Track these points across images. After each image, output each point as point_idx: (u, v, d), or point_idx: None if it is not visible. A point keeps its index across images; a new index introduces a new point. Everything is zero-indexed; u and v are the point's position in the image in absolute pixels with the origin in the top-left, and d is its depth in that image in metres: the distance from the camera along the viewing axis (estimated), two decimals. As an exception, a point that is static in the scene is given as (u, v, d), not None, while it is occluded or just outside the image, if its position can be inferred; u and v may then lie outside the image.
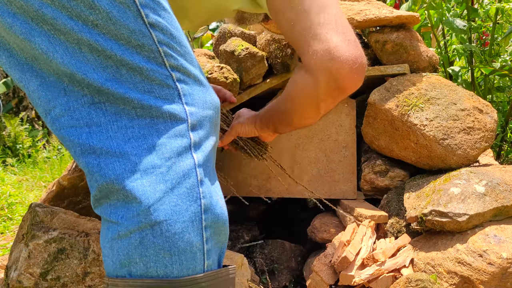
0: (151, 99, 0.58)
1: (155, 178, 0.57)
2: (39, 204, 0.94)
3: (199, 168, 0.60)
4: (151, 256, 0.56)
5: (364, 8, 1.42)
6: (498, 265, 0.95)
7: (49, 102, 0.57)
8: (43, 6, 0.54)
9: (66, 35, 0.55)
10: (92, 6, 0.55)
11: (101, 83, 0.56)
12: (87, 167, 0.58)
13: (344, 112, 1.43)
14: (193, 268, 0.58)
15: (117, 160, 0.56)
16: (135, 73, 0.58)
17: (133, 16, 0.57)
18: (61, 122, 0.58)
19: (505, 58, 1.79)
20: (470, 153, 1.19)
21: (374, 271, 1.06)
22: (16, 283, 0.84)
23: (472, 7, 1.81)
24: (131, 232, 0.56)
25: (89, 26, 0.55)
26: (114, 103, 0.57)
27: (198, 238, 0.59)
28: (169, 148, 0.58)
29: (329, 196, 1.42)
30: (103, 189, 0.57)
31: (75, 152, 0.58)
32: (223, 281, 0.63)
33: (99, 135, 0.57)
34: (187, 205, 0.58)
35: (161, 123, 0.59)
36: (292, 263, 1.41)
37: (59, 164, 3.42)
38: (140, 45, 0.58)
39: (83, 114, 0.57)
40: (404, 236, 1.19)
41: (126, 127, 0.57)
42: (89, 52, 0.56)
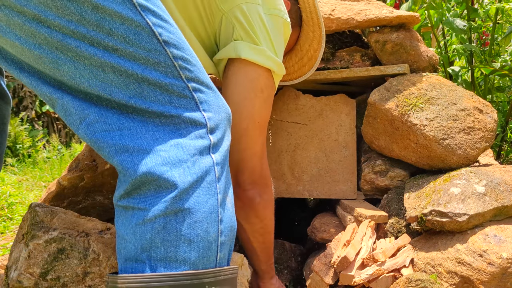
0: (172, 109, 0.64)
1: (183, 171, 0.62)
2: (39, 204, 0.94)
3: (217, 166, 0.66)
4: (172, 241, 0.60)
5: (364, 8, 1.42)
6: (498, 265, 0.95)
7: (84, 111, 0.63)
8: (66, 37, 0.59)
9: (90, 60, 0.60)
10: (110, 33, 0.60)
11: (125, 100, 0.62)
12: (121, 164, 0.62)
13: (344, 112, 1.43)
14: (208, 257, 0.63)
15: (148, 155, 0.62)
16: (155, 88, 0.63)
17: (148, 37, 0.62)
18: (95, 127, 0.63)
19: (505, 58, 1.79)
20: (470, 153, 1.19)
21: (374, 271, 1.06)
22: (16, 283, 0.84)
23: (472, 7, 1.81)
24: (156, 217, 0.60)
25: (110, 51, 0.61)
26: (139, 114, 0.63)
27: (214, 229, 0.64)
28: (193, 147, 0.64)
29: (329, 196, 1.42)
30: (136, 182, 0.61)
31: (109, 152, 0.63)
32: (226, 280, 0.65)
33: (130, 136, 0.62)
34: (207, 198, 0.64)
35: (183, 128, 0.65)
36: (292, 263, 1.41)
37: (59, 164, 3.42)
38: (157, 63, 0.63)
39: (114, 120, 0.63)
40: (404, 236, 1.19)
41: (153, 130, 0.63)
42: (112, 73, 0.61)
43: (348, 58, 1.47)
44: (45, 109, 5.08)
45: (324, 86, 1.54)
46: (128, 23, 0.61)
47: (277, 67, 0.94)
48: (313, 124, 1.44)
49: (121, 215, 0.64)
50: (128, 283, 0.59)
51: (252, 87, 0.92)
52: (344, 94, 1.44)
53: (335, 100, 1.44)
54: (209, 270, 0.63)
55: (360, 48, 1.49)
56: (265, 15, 0.91)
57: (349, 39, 1.54)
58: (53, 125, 5.40)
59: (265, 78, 0.93)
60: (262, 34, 0.91)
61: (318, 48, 1.16)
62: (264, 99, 0.94)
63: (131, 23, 0.61)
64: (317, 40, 1.15)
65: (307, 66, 1.21)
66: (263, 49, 0.91)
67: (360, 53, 1.47)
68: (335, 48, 1.48)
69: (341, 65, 1.46)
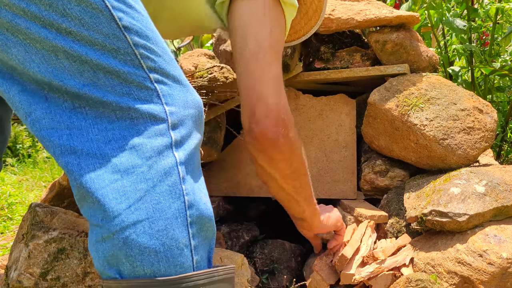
0: (129, 101, 0.59)
1: (135, 178, 0.57)
2: (39, 204, 0.94)
3: (181, 166, 0.61)
4: (136, 256, 0.56)
5: (364, 8, 1.42)
6: (498, 265, 0.95)
7: (30, 105, 0.58)
8: (16, 17, 0.55)
9: (41, 43, 0.56)
10: (64, 14, 0.55)
11: (78, 88, 0.57)
12: (67, 167, 0.58)
13: (344, 112, 1.43)
14: (181, 264, 0.59)
15: (98, 161, 0.57)
16: (112, 77, 0.58)
17: (107, 21, 0.57)
18: (41, 124, 0.58)
19: (505, 58, 1.79)
20: (470, 153, 1.19)
21: (374, 269, 1.06)
22: (16, 283, 0.84)
23: (472, 7, 1.81)
24: (113, 233, 0.56)
25: (63, 34, 0.56)
26: (93, 107, 0.58)
27: (183, 234, 0.59)
28: (150, 147, 0.59)
29: (329, 196, 1.42)
30: (81, 189, 0.57)
31: (55, 152, 0.58)
32: (221, 280, 0.63)
33: (80, 137, 0.57)
34: (170, 202, 0.59)
35: (141, 123, 0.59)
36: (292, 263, 1.41)
37: (59, 164, 3.41)
38: (115, 49, 0.58)
39: (64, 118, 0.58)
40: (404, 236, 1.19)
41: (106, 129, 0.58)
42: (65, 59, 0.57)
43: (348, 58, 1.47)
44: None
45: (324, 86, 1.54)
46: (84, 4, 0.56)
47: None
48: (313, 124, 1.44)
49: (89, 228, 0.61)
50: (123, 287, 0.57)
51: (258, 5, 0.81)
52: (344, 94, 1.44)
53: (335, 100, 1.44)
54: (203, 272, 0.60)
55: (360, 48, 1.49)
56: None
57: (349, 39, 1.54)
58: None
59: (271, 3, 0.83)
60: None
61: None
62: (274, 19, 0.82)
63: (87, 4, 0.56)
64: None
65: (313, 19, 1.13)
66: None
67: (360, 53, 1.47)
68: (335, 48, 1.48)
69: (341, 65, 1.46)
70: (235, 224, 1.44)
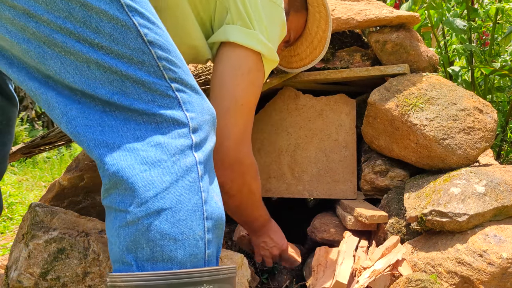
0: (154, 107, 0.65)
1: (162, 171, 0.63)
2: (39, 204, 0.94)
3: (200, 165, 0.67)
4: (157, 241, 0.61)
5: (364, 8, 1.42)
6: (498, 265, 0.95)
7: (66, 106, 0.64)
8: (53, 32, 0.61)
9: (75, 55, 0.62)
10: (96, 31, 0.62)
11: (108, 97, 0.64)
12: (100, 158, 0.63)
13: (344, 112, 1.43)
14: (195, 255, 0.63)
15: (128, 154, 0.63)
16: (139, 86, 0.65)
17: (134, 36, 0.64)
18: (76, 122, 0.64)
19: (505, 58, 1.79)
20: (470, 153, 1.19)
21: (370, 273, 1.06)
22: (16, 283, 0.84)
23: (472, 7, 1.81)
24: (139, 219, 0.61)
25: (95, 48, 0.62)
26: (122, 111, 0.64)
27: (200, 227, 0.65)
28: (173, 146, 0.65)
29: (329, 196, 1.42)
30: (113, 177, 0.62)
31: (89, 145, 0.64)
32: (224, 280, 0.66)
33: (111, 133, 0.63)
34: (190, 196, 0.64)
35: (165, 127, 0.66)
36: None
37: (59, 164, 3.42)
38: (141, 62, 0.65)
39: (96, 117, 0.64)
40: (392, 237, 1.19)
41: (134, 129, 0.64)
42: (97, 69, 0.63)
43: (348, 58, 1.47)
44: (45, 109, 5.08)
45: (324, 86, 1.54)
46: (115, 22, 0.63)
47: (268, 51, 0.93)
48: (313, 124, 1.44)
49: (107, 215, 0.65)
50: (127, 281, 0.60)
51: (238, 68, 0.91)
52: (344, 94, 1.44)
53: (335, 100, 1.44)
54: (207, 269, 0.63)
55: (360, 48, 1.49)
56: (262, 1, 0.91)
57: (349, 39, 1.54)
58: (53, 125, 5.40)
59: (253, 61, 0.92)
60: (256, 17, 0.90)
61: (326, 28, 1.15)
62: (251, 81, 0.92)
63: (117, 22, 0.63)
64: (324, 20, 1.15)
65: (318, 49, 1.21)
66: (253, 32, 0.90)
67: (360, 53, 1.47)
68: (335, 48, 1.48)
69: (341, 65, 1.46)
70: (235, 224, 1.44)
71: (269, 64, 0.97)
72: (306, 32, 1.20)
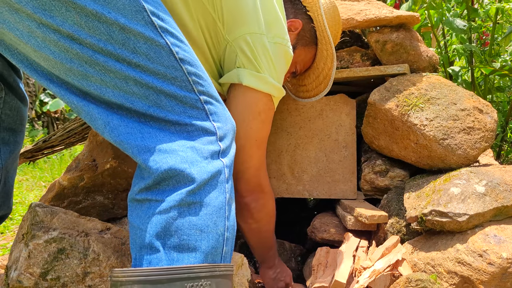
0: (186, 118, 0.72)
1: (200, 169, 0.70)
2: (39, 204, 0.94)
3: (227, 169, 0.75)
4: (185, 230, 0.67)
5: (364, 8, 1.42)
6: (498, 265, 0.95)
7: (107, 116, 0.70)
8: (95, 53, 0.67)
9: (115, 73, 0.68)
10: (134, 51, 0.68)
11: (145, 110, 0.70)
12: (145, 163, 0.69)
13: (344, 112, 1.43)
14: (216, 248, 0.69)
15: (169, 155, 0.69)
16: (172, 99, 0.71)
17: (167, 55, 0.71)
18: (119, 131, 0.70)
19: (505, 58, 1.79)
20: (470, 153, 1.19)
21: (370, 273, 1.06)
22: (16, 283, 0.84)
23: (472, 7, 1.81)
24: (171, 207, 0.67)
25: (133, 66, 0.69)
26: (156, 122, 0.71)
27: (222, 224, 0.71)
28: (206, 150, 0.72)
29: (329, 196, 1.42)
30: (158, 178, 0.68)
31: (133, 152, 0.70)
32: (222, 276, 0.69)
33: (150, 139, 0.70)
34: (217, 194, 0.71)
35: (196, 135, 0.73)
36: (292, 263, 1.41)
37: (59, 164, 3.42)
38: (174, 78, 0.71)
39: (135, 125, 0.70)
40: (392, 237, 1.19)
41: (170, 135, 0.71)
42: (134, 85, 0.69)
43: (348, 58, 1.47)
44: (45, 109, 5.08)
45: (324, 86, 1.54)
46: (150, 42, 0.69)
47: (277, 92, 1.00)
48: (313, 124, 1.44)
49: (136, 208, 0.70)
50: (129, 276, 0.62)
51: (251, 110, 0.98)
52: (344, 94, 1.44)
53: (335, 100, 1.44)
54: (205, 265, 0.67)
55: (360, 48, 1.49)
56: (269, 43, 0.95)
57: (349, 39, 1.54)
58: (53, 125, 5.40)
59: (264, 103, 0.99)
60: (265, 61, 0.95)
61: (331, 66, 1.19)
62: (262, 120, 1.00)
63: (152, 42, 0.69)
64: (330, 59, 1.18)
65: (323, 84, 1.24)
66: (264, 76, 0.95)
67: (360, 53, 1.47)
68: (335, 48, 1.48)
69: (341, 65, 1.46)
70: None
71: (278, 99, 1.04)
72: (314, 66, 1.24)
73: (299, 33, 1.14)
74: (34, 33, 0.66)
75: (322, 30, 1.15)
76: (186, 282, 0.64)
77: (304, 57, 1.19)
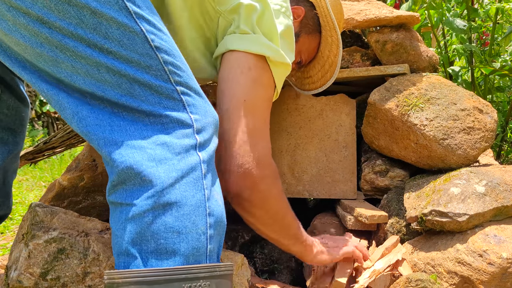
0: (160, 109, 0.68)
1: (168, 167, 0.66)
2: (39, 204, 0.94)
3: (204, 164, 0.70)
4: (161, 234, 0.64)
5: (364, 8, 1.42)
6: (498, 265, 0.95)
7: (77, 106, 0.67)
8: (65, 38, 0.64)
9: (86, 60, 0.65)
10: (106, 37, 0.65)
11: (117, 99, 0.67)
12: (109, 155, 0.66)
13: (344, 112, 1.43)
14: (198, 248, 0.66)
15: (136, 151, 0.66)
16: (146, 88, 0.68)
17: (141, 42, 0.67)
18: (87, 121, 0.67)
19: (505, 58, 1.79)
20: (470, 153, 1.19)
21: (370, 273, 1.06)
22: (16, 283, 0.84)
23: (472, 7, 1.81)
24: (144, 212, 0.64)
25: (105, 53, 0.66)
26: (130, 113, 0.67)
27: (202, 222, 0.67)
28: (179, 145, 0.68)
29: (329, 196, 1.42)
30: (122, 174, 0.65)
31: (99, 143, 0.67)
32: (222, 276, 0.67)
33: (119, 132, 0.66)
34: (194, 192, 0.67)
35: (171, 127, 0.68)
36: (292, 263, 1.41)
37: (59, 164, 3.42)
38: (148, 66, 0.68)
39: (106, 117, 0.67)
40: (391, 237, 1.19)
41: (141, 129, 0.67)
42: (106, 72, 0.66)
43: (348, 58, 1.47)
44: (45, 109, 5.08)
45: (324, 86, 1.54)
46: (123, 28, 0.66)
47: (273, 53, 0.87)
48: (313, 124, 1.44)
49: (113, 211, 0.68)
50: (126, 277, 0.61)
51: (238, 65, 0.86)
52: (344, 94, 1.44)
53: (335, 100, 1.44)
54: (204, 265, 0.65)
55: (360, 48, 1.49)
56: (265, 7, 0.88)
57: (349, 39, 1.54)
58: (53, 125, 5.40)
59: (254, 60, 0.86)
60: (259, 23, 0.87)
61: (337, 53, 1.14)
62: (253, 78, 0.86)
63: (126, 28, 0.66)
64: (335, 45, 1.14)
65: (329, 73, 1.20)
66: (254, 36, 0.86)
67: (360, 53, 1.47)
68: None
69: (341, 65, 1.46)
70: (235, 224, 1.44)
71: (278, 67, 0.90)
72: (319, 55, 1.19)
73: (302, 20, 1.10)
74: (5, 16, 0.64)
75: (326, 15, 1.10)
76: (184, 283, 0.62)
77: (308, 46, 1.16)
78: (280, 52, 0.88)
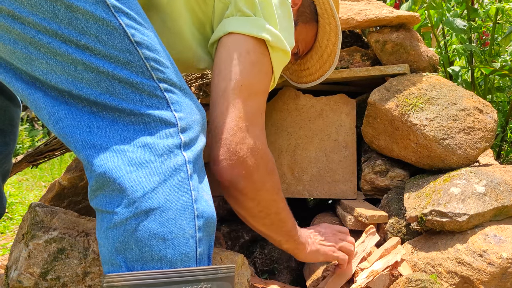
0: (142, 107, 0.65)
1: (149, 171, 0.62)
2: (39, 204, 0.94)
3: (189, 164, 0.66)
4: (145, 241, 0.61)
5: (364, 8, 1.42)
6: (498, 265, 0.95)
7: (54, 107, 0.63)
8: (39, 34, 0.61)
9: (61, 56, 0.62)
10: (82, 32, 0.62)
11: (96, 97, 0.63)
12: (87, 159, 0.63)
13: (344, 112, 1.43)
14: (186, 253, 0.63)
15: (115, 155, 0.62)
16: (126, 86, 0.64)
17: (120, 37, 0.64)
18: (64, 123, 0.63)
19: (505, 58, 1.79)
20: (470, 153, 1.19)
21: (368, 274, 1.06)
22: (16, 283, 0.84)
23: (472, 7, 1.81)
24: (126, 219, 0.61)
25: (81, 49, 0.62)
26: (110, 112, 0.64)
27: (190, 225, 0.64)
28: (162, 146, 0.64)
29: (329, 196, 1.42)
30: (100, 179, 0.62)
31: (76, 146, 0.63)
32: (223, 278, 0.66)
33: (98, 134, 0.63)
34: (179, 195, 0.64)
35: (153, 127, 0.65)
36: (292, 263, 1.41)
37: (59, 164, 3.42)
38: (128, 62, 0.64)
39: (84, 118, 0.63)
40: (392, 239, 1.19)
41: (122, 130, 0.64)
42: (84, 70, 0.62)
43: (348, 58, 1.47)
44: (45, 109, 5.07)
45: (324, 86, 1.54)
46: (101, 22, 0.63)
47: (273, 37, 0.82)
48: (313, 124, 1.44)
49: (97, 217, 0.65)
50: (125, 280, 0.59)
51: (235, 48, 0.81)
52: (344, 94, 1.44)
53: (335, 100, 1.44)
54: (205, 268, 0.64)
55: (360, 48, 1.49)
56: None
57: (349, 39, 1.54)
58: (53, 125, 5.39)
59: (253, 43, 0.81)
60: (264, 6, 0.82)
61: (336, 41, 1.10)
62: (252, 61, 0.81)
63: (103, 23, 0.63)
64: (334, 33, 1.09)
65: (328, 63, 1.15)
66: (253, 18, 0.82)
67: (360, 53, 1.47)
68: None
69: (341, 65, 1.46)
70: (235, 224, 1.44)
71: (277, 53, 0.85)
72: (316, 45, 1.16)
73: (298, 9, 1.05)
74: None
75: (324, 2, 1.07)
76: (184, 285, 0.61)
77: (305, 36, 1.12)
78: (280, 37, 0.84)
